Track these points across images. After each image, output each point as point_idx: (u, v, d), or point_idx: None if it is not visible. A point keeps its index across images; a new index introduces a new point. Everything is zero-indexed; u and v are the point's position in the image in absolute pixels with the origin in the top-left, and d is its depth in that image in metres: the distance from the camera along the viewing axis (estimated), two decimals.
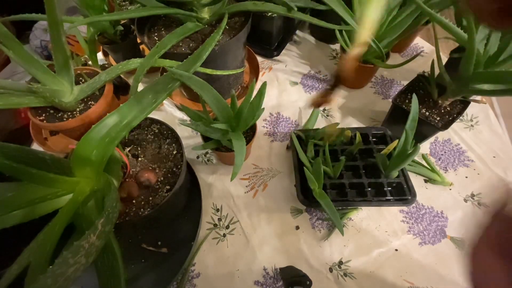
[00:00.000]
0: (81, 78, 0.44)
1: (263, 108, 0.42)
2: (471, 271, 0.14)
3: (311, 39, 0.72)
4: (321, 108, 0.58)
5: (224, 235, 0.46)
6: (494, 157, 0.51)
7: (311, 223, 0.46)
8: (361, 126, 0.55)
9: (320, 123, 0.56)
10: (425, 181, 0.49)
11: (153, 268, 0.41)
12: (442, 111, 0.46)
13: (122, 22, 0.58)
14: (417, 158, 0.49)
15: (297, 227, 0.46)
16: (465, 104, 0.46)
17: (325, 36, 0.70)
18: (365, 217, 0.46)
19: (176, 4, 0.44)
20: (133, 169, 0.39)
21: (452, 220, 0.45)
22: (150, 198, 0.36)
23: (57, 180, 0.27)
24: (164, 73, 0.37)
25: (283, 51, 0.69)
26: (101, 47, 0.60)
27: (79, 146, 0.30)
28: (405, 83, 0.50)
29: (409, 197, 0.41)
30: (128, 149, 0.41)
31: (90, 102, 0.42)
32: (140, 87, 0.37)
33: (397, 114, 0.49)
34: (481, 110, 0.56)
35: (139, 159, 0.40)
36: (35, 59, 0.35)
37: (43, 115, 0.40)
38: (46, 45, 0.84)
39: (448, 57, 0.52)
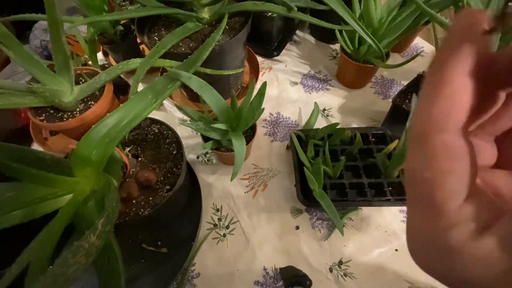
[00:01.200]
0: (81, 78, 0.44)
1: (263, 108, 0.42)
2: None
3: (311, 39, 0.72)
4: (321, 108, 0.58)
5: (224, 235, 0.46)
6: None
7: (311, 223, 0.46)
8: (361, 126, 0.55)
9: (320, 123, 0.56)
10: None
11: (153, 268, 0.41)
12: None
13: (122, 22, 0.58)
14: None
15: (297, 227, 0.46)
16: None
17: (325, 36, 0.70)
18: (365, 217, 0.46)
19: (176, 4, 0.44)
20: (133, 169, 0.39)
21: None
22: (150, 198, 0.36)
23: (57, 180, 0.27)
24: (164, 73, 0.37)
25: (283, 51, 0.69)
26: (101, 47, 0.60)
27: (79, 146, 0.30)
28: (405, 83, 0.50)
29: None
30: (128, 149, 0.41)
31: (90, 102, 0.42)
32: (140, 87, 0.37)
33: (397, 114, 0.49)
34: None
35: (139, 159, 0.40)
36: (35, 59, 0.35)
37: (43, 115, 0.40)
38: (46, 45, 0.84)
39: None
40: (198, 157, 0.54)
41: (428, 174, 0.10)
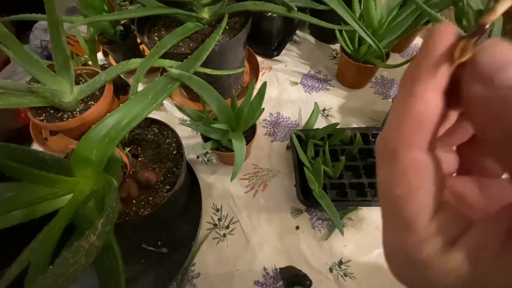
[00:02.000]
0: (81, 78, 0.44)
1: (263, 108, 0.42)
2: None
3: (311, 39, 0.72)
4: (322, 108, 0.58)
5: (224, 235, 0.46)
6: None
7: (311, 223, 0.46)
8: (361, 126, 0.55)
9: (320, 123, 0.56)
10: None
11: (153, 268, 0.41)
12: None
13: (122, 22, 0.58)
14: None
15: (297, 227, 0.46)
16: None
17: (325, 36, 0.70)
18: (365, 217, 0.46)
19: (176, 4, 0.44)
20: (133, 169, 0.39)
21: None
22: (150, 198, 0.36)
23: (57, 180, 0.27)
24: (164, 73, 0.37)
25: (283, 51, 0.69)
26: (101, 47, 0.60)
27: (79, 146, 0.30)
28: None
29: None
30: (128, 149, 0.41)
31: (90, 102, 0.42)
32: (140, 87, 0.37)
33: None
34: None
35: (139, 159, 0.40)
36: (35, 59, 0.35)
37: (43, 115, 0.40)
38: (46, 45, 0.84)
39: None
40: (198, 157, 0.54)
41: (398, 191, 0.10)
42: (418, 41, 0.69)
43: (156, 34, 0.49)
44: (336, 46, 0.69)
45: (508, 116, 0.08)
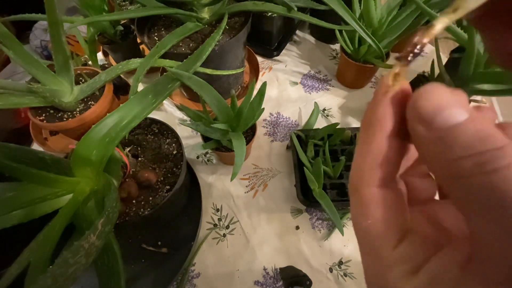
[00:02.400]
0: (81, 78, 0.44)
1: (263, 108, 0.42)
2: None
3: (311, 39, 0.72)
4: (322, 108, 0.58)
5: (224, 235, 0.46)
6: None
7: (311, 223, 0.46)
8: None
9: (320, 123, 0.56)
10: None
11: (153, 268, 0.41)
12: None
13: (122, 22, 0.58)
14: None
15: (297, 227, 0.46)
16: None
17: (325, 36, 0.70)
18: None
19: (176, 4, 0.44)
20: (133, 169, 0.39)
21: None
22: (150, 198, 0.36)
23: (57, 180, 0.27)
24: (164, 73, 0.37)
25: (283, 51, 0.69)
26: (101, 47, 0.60)
27: (79, 146, 0.30)
28: None
29: None
30: (128, 149, 0.41)
31: (90, 102, 0.42)
32: (140, 87, 0.37)
33: None
34: None
35: (139, 159, 0.40)
36: (35, 59, 0.35)
37: (43, 115, 0.40)
38: (46, 45, 0.84)
39: (448, 57, 0.52)
40: (198, 157, 0.54)
41: (363, 224, 0.12)
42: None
43: (156, 34, 0.49)
44: (336, 46, 0.69)
45: (445, 155, 0.09)
